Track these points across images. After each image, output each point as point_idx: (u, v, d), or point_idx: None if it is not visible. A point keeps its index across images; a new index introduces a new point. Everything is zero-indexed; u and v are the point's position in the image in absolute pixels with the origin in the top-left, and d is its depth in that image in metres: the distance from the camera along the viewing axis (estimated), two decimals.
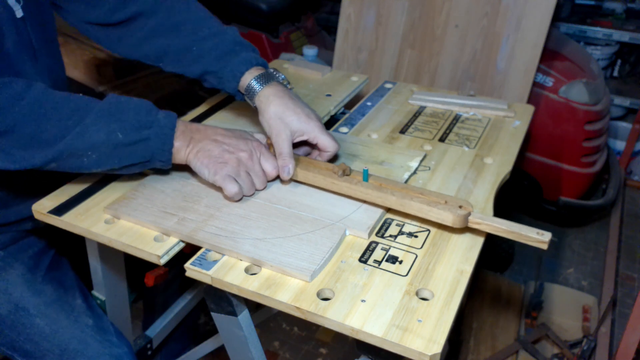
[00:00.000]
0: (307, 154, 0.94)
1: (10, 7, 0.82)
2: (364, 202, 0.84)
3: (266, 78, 0.89)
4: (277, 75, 0.94)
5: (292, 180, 0.88)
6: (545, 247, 0.76)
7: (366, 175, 0.83)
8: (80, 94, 0.79)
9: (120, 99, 0.79)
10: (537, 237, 0.74)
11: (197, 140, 0.82)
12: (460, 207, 0.78)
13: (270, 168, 0.85)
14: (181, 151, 0.82)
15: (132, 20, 0.95)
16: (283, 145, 0.84)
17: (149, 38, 0.96)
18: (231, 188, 0.80)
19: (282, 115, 0.85)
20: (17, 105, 0.72)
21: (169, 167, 0.83)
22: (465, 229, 0.79)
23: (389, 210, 0.84)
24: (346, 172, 0.85)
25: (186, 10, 0.96)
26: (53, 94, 0.75)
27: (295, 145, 0.90)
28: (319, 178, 0.85)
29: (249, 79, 0.89)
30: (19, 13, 0.84)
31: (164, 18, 0.95)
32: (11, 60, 0.83)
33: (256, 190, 0.85)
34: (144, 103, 0.80)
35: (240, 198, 0.83)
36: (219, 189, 0.85)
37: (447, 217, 0.77)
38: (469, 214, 0.78)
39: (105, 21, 0.95)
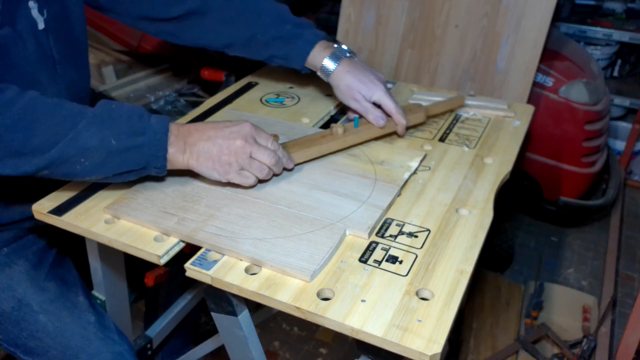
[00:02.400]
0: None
1: (33, 19, 0.84)
2: (369, 140, 1.01)
3: (336, 57, 1.03)
4: (344, 49, 1.06)
5: (307, 161, 0.93)
6: (462, 102, 1.15)
7: (357, 122, 1.00)
8: (72, 102, 0.78)
9: (111, 105, 0.78)
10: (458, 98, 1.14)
11: (191, 144, 0.80)
12: (418, 107, 1.07)
13: (265, 140, 0.85)
14: (178, 157, 0.80)
15: (188, 16, 1.03)
16: (366, 105, 1.01)
17: (211, 31, 1.05)
18: (248, 182, 0.84)
19: (353, 85, 1.01)
20: (8, 111, 0.71)
21: (164, 174, 0.81)
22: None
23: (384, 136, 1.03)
24: (344, 129, 0.97)
25: (240, 1, 1.05)
26: (45, 101, 0.74)
27: None
28: (330, 144, 0.95)
29: (321, 57, 1.03)
30: (41, 25, 0.85)
31: (221, 13, 1.04)
32: (29, 69, 0.84)
33: (268, 167, 0.84)
34: (135, 108, 0.79)
35: (255, 184, 0.86)
36: (220, 187, 0.86)
37: (420, 117, 1.06)
38: (426, 109, 1.08)
39: (159, 16, 1.03)
